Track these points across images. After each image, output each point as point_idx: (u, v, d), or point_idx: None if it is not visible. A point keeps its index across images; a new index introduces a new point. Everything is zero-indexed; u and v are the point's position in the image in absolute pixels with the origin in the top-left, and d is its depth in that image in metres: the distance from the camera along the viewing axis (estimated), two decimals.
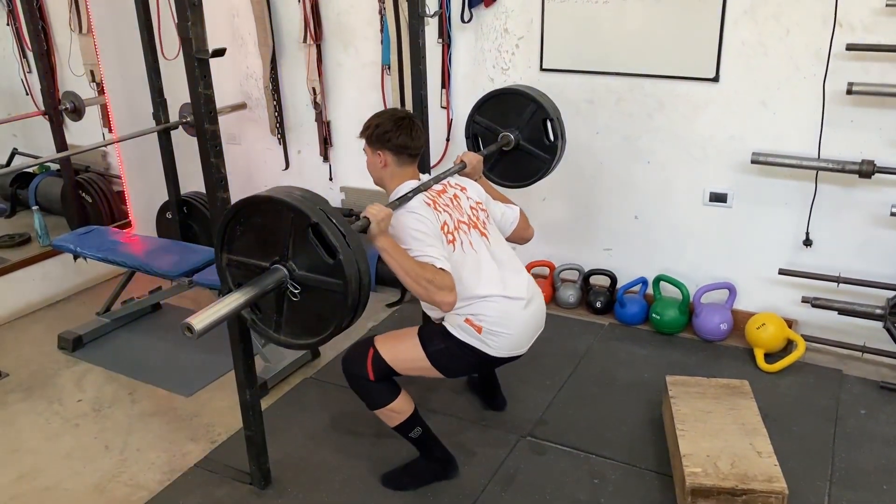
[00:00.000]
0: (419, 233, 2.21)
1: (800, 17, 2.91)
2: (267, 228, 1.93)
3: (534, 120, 3.01)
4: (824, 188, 3.06)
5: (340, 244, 1.83)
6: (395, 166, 2.40)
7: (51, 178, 4.48)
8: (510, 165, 3.09)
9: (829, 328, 3.19)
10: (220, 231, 2.02)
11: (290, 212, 1.87)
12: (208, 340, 3.43)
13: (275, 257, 1.93)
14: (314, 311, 1.94)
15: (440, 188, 2.43)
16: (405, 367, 2.38)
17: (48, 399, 3.09)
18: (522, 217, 2.65)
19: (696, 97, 3.20)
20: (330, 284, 1.87)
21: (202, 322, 1.74)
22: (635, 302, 3.51)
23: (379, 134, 2.37)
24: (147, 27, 3.64)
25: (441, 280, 2.15)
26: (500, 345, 2.33)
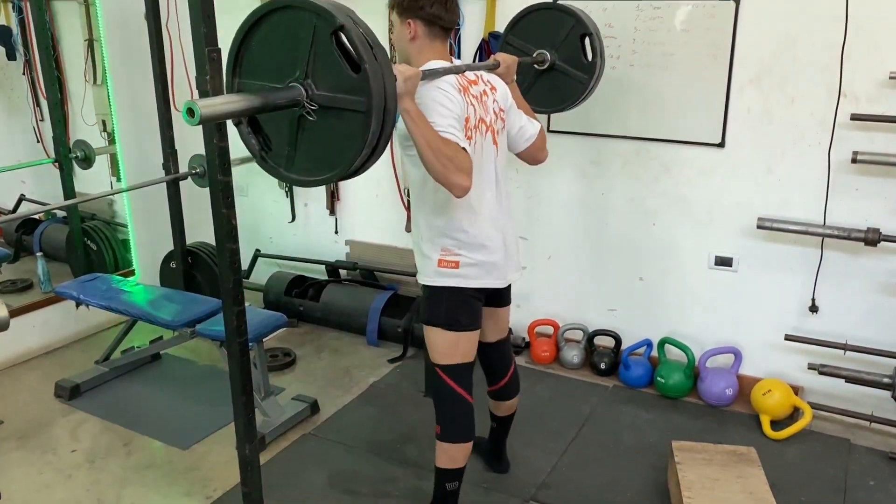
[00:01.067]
0: (446, 109, 2.06)
1: (805, 87, 2.97)
2: (285, 43, 1.70)
3: (571, 37, 2.88)
4: (830, 255, 3.07)
5: (367, 55, 1.60)
6: (425, 38, 2.21)
7: (56, 224, 4.50)
8: (545, 88, 2.96)
9: (837, 396, 3.16)
10: (234, 50, 1.77)
11: (312, 16, 1.63)
12: (207, 392, 3.44)
13: (292, 78, 1.70)
14: (331, 139, 1.71)
15: (472, 78, 2.26)
16: (453, 351, 2.33)
17: (42, 448, 3.04)
18: (541, 136, 2.47)
19: (702, 162, 3.24)
20: (352, 103, 1.64)
21: (209, 108, 1.54)
22: (640, 364, 3.48)
23: (411, 1, 2.18)
24: (162, 79, 3.70)
25: (461, 160, 2.01)
26: (478, 273, 2.28)
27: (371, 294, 4.02)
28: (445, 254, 2.27)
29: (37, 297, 4.01)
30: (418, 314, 3.78)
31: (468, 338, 2.36)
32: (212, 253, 4.04)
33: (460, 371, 2.36)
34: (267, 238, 4.56)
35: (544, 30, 2.92)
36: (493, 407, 2.76)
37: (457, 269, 2.27)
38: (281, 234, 4.51)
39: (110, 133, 4.32)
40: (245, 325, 2.31)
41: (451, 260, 2.26)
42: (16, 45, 4.30)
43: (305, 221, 4.41)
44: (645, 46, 3.21)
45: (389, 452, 2.98)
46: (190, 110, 1.49)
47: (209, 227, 2.31)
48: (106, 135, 4.38)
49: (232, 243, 2.20)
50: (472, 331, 2.37)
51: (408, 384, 3.51)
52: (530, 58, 2.89)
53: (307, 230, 4.41)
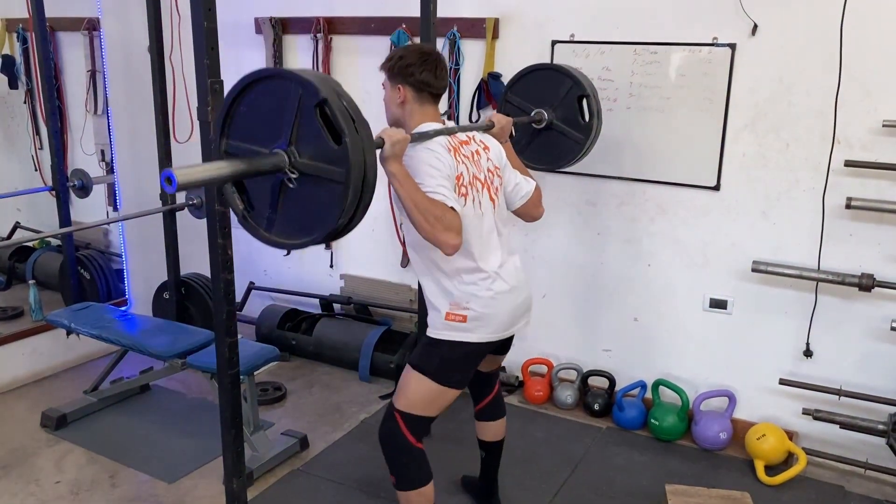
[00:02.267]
0: (434, 170, 2.10)
1: (799, 133, 3.00)
2: (272, 109, 1.76)
3: (568, 98, 2.94)
4: (824, 299, 3.07)
5: (349, 128, 1.67)
6: (415, 103, 2.27)
7: (50, 253, 4.49)
8: (542, 146, 3.01)
9: (831, 442, 3.13)
10: (223, 112, 1.83)
11: (299, 87, 1.70)
12: (195, 425, 3.40)
13: (277, 143, 1.75)
14: (311, 206, 1.76)
15: (464, 139, 2.31)
16: (426, 404, 2.30)
17: (25, 479, 2.98)
18: (537, 193, 2.52)
19: (698, 204, 3.26)
20: (332, 173, 1.69)
21: (187, 176, 1.56)
22: (634, 406, 3.45)
23: (401, 67, 2.23)
24: (163, 110, 3.73)
25: (450, 219, 2.04)
26: (486, 329, 2.26)
27: (364, 329, 4.00)
28: (454, 307, 2.25)
29: (27, 324, 3.98)
30: (412, 350, 3.75)
31: (450, 395, 2.34)
32: (206, 284, 4.03)
33: (421, 423, 2.33)
34: (261, 271, 4.55)
35: (543, 89, 3.00)
36: (480, 432, 2.74)
37: (465, 322, 2.25)
38: (276, 267, 4.50)
39: (108, 163, 4.34)
40: (237, 356, 2.30)
41: (460, 314, 2.25)
42: (18, 74, 4.34)
43: (300, 255, 4.40)
44: (641, 90, 3.26)
45: (379, 491, 2.93)
46: (168, 178, 1.51)
47: (203, 259, 2.32)
48: (104, 164, 4.39)
49: (227, 273, 2.21)
50: (459, 389, 2.35)
51: None
52: (528, 117, 2.96)
53: (302, 263, 4.40)
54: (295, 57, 4.09)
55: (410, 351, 3.76)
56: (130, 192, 4.21)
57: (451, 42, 3.58)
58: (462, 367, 2.34)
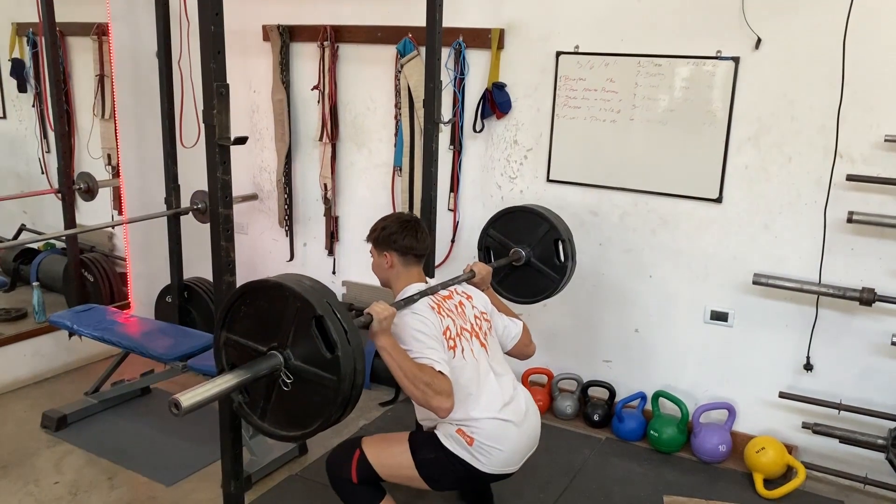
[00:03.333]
0: (421, 334, 2.22)
1: (801, 147, 3.01)
2: (270, 313, 1.93)
3: (546, 239, 3.09)
4: (825, 313, 3.07)
5: (341, 340, 1.83)
6: (401, 266, 2.45)
7: (54, 255, 4.50)
8: (519, 281, 3.15)
9: (830, 456, 3.12)
10: (224, 309, 2.02)
11: (296, 301, 1.87)
12: (194, 428, 3.40)
13: (273, 343, 1.92)
14: (303, 404, 1.92)
15: (446, 294, 2.45)
16: (390, 473, 2.33)
17: (24, 479, 2.99)
18: (525, 333, 2.65)
19: (700, 216, 3.27)
20: (323, 379, 1.86)
21: (190, 400, 1.72)
22: (633, 417, 3.45)
23: (385, 236, 2.44)
24: (169, 115, 3.76)
25: (439, 384, 2.14)
26: (490, 461, 2.28)
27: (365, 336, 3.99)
28: (466, 429, 2.28)
29: (30, 326, 4.00)
30: None
31: (419, 485, 2.35)
32: (208, 288, 4.05)
33: (371, 478, 2.34)
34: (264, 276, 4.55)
35: (522, 228, 3.16)
36: None
37: (470, 445, 2.28)
38: (278, 273, 4.50)
39: (115, 167, 4.37)
40: None
41: (469, 436, 2.28)
42: (27, 77, 4.38)
43: (304, 261, 4.42)
44: (645, 102, 3.27)
45: None
46: (175, 405, 1.69)
47: (207, 264, 2.33)
48: (110, 168, 4.42)
49: (229, 276, 2.22)
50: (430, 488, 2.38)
51: (398, 428, 3.44)
52: (506, 258, 3.10)
53: (305, 269, 4.41)
54: (302, 65, 4.12)
55: None
56: (135, 196, 4.23)
57: (456, 52, 3.61)
58: (453, 480, 2.39)
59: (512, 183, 3.66)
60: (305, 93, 4.14)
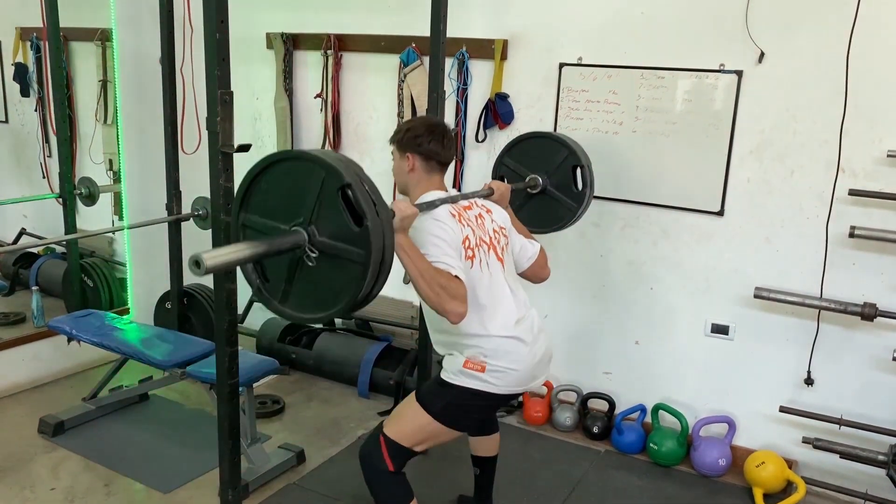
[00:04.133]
0: (439, 240, 2.16)
1: (804, 161, 3.01)
2: (293, 189, 1.80)
3: (563, 166, 3.01)
4: (826, 328, 3.06)
5: (370, 211, 1.72)
6: (423, 172, 2.36)
7: (54, 260, 4.50)
8: (535, 210, 3.08)
9: (831, 472, 3.11)
10: (243, 187, 1.87)
11: (322, 170, 1.75)
12: (192, 436, 3.38)
13: (296, 221, 1.80)
14: (328, 283, 1.80)
15: (467, 204, 2.39)
16: (418, 438, 2.29)
17: (20, 485, 2.97)
18: (542, 255, 2.58)
19: (701, 229, 3.26)
20: (351, 253, 1.74)
21: (213, 259, 1.61)
22: (633, 430, 3.44)
23: (410, 137, 2.34)
24: (172, 122, 3.76)
25: (454, 288, 2.09)
26: (503, 381, 2.25)
27: (365, 344, 4.00)
28: (473, 357, 2.26)
29: (29, 330, 3.99)
30: (412, 367, 3.75)
31: (446, 437, 2.34)
32: (208, 296, 4.04)
33: (403, 453, 2.31)
34: None
35: (539, 155, 3.07)
36: (473, 447, 2.73)
37: (482, 372, 2.25)
38: None
39: (116, 172, 4.37)
40: (237, 367, 2.31)
41: (479, 363, 2.25)
42: (30, 82, 4.39)
43: None
44: (648, 114, 3.28)
45: None
46: (196, 262, 1.56)
47: None
48: (112, 173, 4.43)
49: (230, 283, 2.21)
50: (458, 433, 2.36)
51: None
52: (523, 183, 3.03)
53: None
54: (305, 73, 4.13)
55: (410, 368, 3.75)
56: (137, 202, 4.23)
57: (459, 62, 3.61)
58: (471, 415, 2.36)
59: None
60: (308, 101, 4.14)
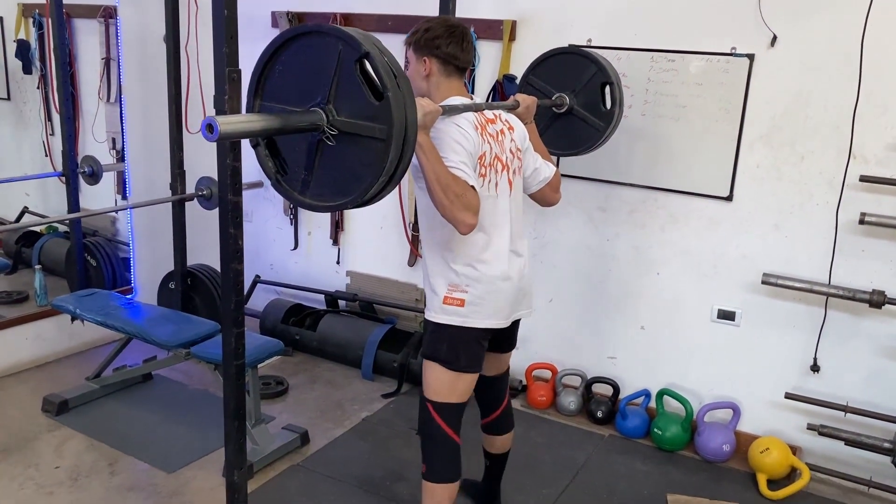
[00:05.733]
0: (460, 146, 2.09)
1: (815, 146, 2.99)
2: (309, 68, 1.71)
3: (591, 84, 2.89)
4: (834, 314, 3.05)
5: (391, 83, 1.61)
6: (441, 76, 2.24)
7: (57, 239, 4.48)
8: (561, 131, 2.97)
9: (835, 459, 3.11)
10: (258, 71, 1.78)
11: (339, 42, 1.65)
12: (196, 416, 3.38)
13: (315, 101, 1.70)
14: (349, 165, 1.71)
15: (491, 117, 2.29)
16: (448, 391, 2.29)
17: (25, 463, 2.97)
18: (556, 178, 2.50)
19: (710, 214, 3.24)
20: (372, 130, 1.64)
21: (229, 125, 1.55)
22: (637, 415, 3.43)
23: (428, 39, 2.21)
24: (176, 100, 3.73)
25: (469, 198, 2.04)
26: (485, 312, 2.24)
27: (369, 327, 3.99)
28: (452, 290, 2.23)
29: (31, 309, 3.98)
30: (416, 349, 3.75)
31: (466, 379, 2.32)
32: (212, 276, 4.02)
33: (451, 411, 2.31)
34: (267, 265, 4.54)
35: (565, 73, 2.94)
36: (486, 443, 2.72)
37: (461, 307, 2.23)
38: (282, 262, 4.50)
39: (119, 151, 4.34)
40: (243, 347, 2.30)
41: (457, 297, 2.22)
42: (33, 59, 4.35)
43: (308, 250, 4.39)
44: (657, 97, 3.24)
45: (378, 489, 2.92)
46: (209, 126, 1.49)
47: (210, 251, 2.31)
48: (115, 152, 4.39)
49: (237, 264, 2.20)
50: (472, 373, 2.33)
51: (401, 421, 3.46)
52: (549, 100, 2.91)
53: (309, 259, 4.39)
54: None
55: (415, 350, 3.75)
56: (140, 181, 4.20)
57: None
58: (467, 351, 2.31)
59: None
60: None
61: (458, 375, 2.29)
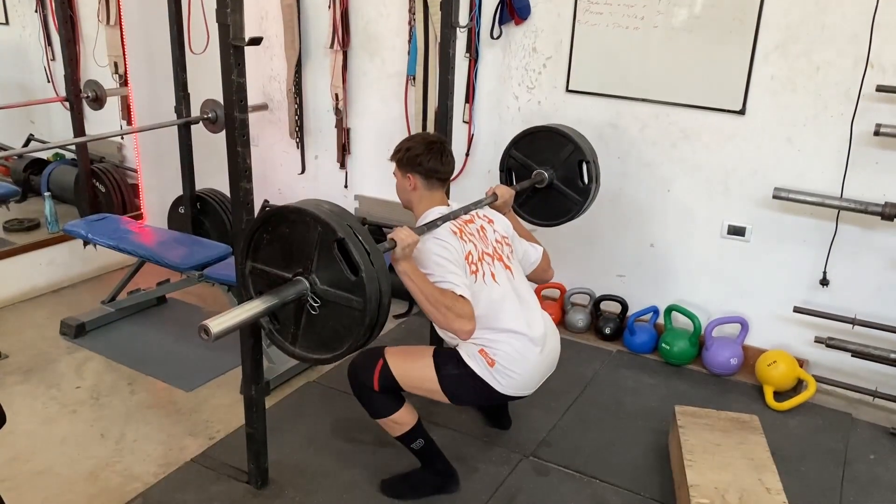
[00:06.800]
0: (442, 259, 2.22)
1: (831, 56, 2.91)
2: (293, 240, 1.94)
3: (570, 161, 3.02)
4: (845, 228, 3.04)
5: (364, 262, 1.84)
6: (425, 189, 2.42)
7: (65, 166, 4.47)
8: (541, 203, 3.10)
9: (841, 370, 3.15)
10: (247, 238, 2.03)
11: (318, 225, 1.88)
12: None
13: (298, 269, 1.94)
14: (332, 327, 1.95)
15: (468, 218, 2.44)
16: (412, 385, 2.35)
17: (47, 384, 3.05)
18: (545, 258, 2.65)
19: (722, 129, 3.19)
20: (350, 301, 1.88)
21: (220, 326, 1.75)
22: (645, 330, 3.47)
23: (410, 157, 2.39)
24: (177, 21, 3.65)
25: (460, 307, 2.17)
26: (508, 383, 2.31)
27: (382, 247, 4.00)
28: (488, 349, 2.28)
29: (43, 236, 4.01)
30: None
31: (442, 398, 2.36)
32: (221, 199, 4.03)
33: (393, 387, 2.33)
34: (276, 189, 4.53)
35: (545, 149, 3.06)
36: None
37: (491, 367, 2.27)
38: (290, 186, 4.48)
39: (122, 75, 4.28)
40: None
41: (491, 357, 2.28)
42: None
43: (315, 174, 4.37)
44: (669, 7, 3.15)
45: None
46: (205, 331, 1.73)
47: (218, 175, 2.31)
48: (118, 77, 4.34)
49: (246, 182, 2.19)
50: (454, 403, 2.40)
51: (413, 339, 3.51)
52: (529, 181, 3.02)
53: (316, 183, 4.37)
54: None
55: None
56: (144, 106, 4.17)
57: None
58: (473, 397, 2.42)
59: (530, 94, 3.56)
60: None
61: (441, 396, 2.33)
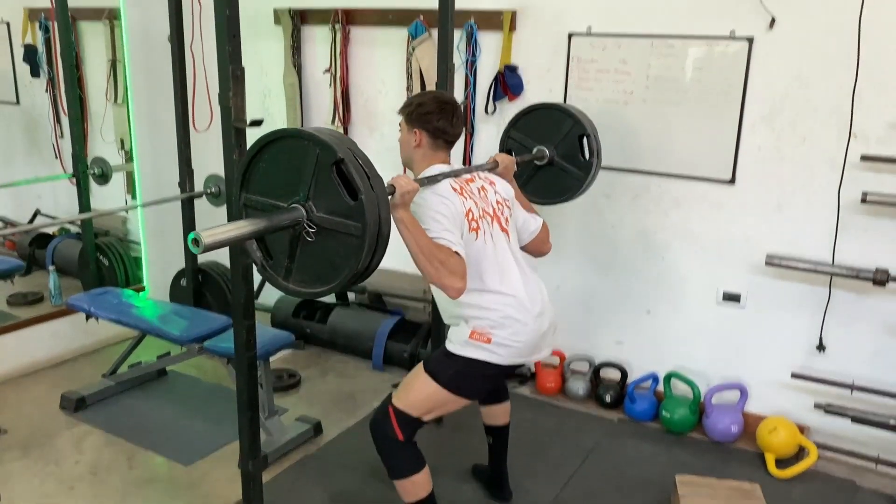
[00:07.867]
0: (440, 215, 2.17)
1: (815, 126, 3.00)
2: (290, 166, 1.84)
3: (570, 136, 3.02)
4: (838, 294, 3.07)
5: (364, 185, 1.74)
6: (429, 148, 2.37)
7: (70, 240, 4.54)
8: (543, 181, 3.09)
9: (842, 437, 3.13)
10: (242, 168, 1.91)
11: (316, 147, 1.78)
12: (211, 410, 3.44)
13: (294, 198, 1.83)
14: (328, 257, 1.83)
15: (469, 177, 2.40)
16: (426, 407, 2.33)
17: (45, 459, 3.04)
18: (544, 230, 2.60)
19: (713, 198, 3.26)
20: (348, 227, 1.77)
21: (212, 237, 1.66)
22: (645, 398, 3.47)
23: (420, 113, 2.34)
24: (182, 99, 3.78)
25: (453, 263, 2.11)
26: (508, 353, 2.29)
27: (378, 318, 4.03)
28: (479, 328, 2.29)
29: (47, 309, 4.04)
30: (425, 340, 3.79)
31: (456, 403, 2.37)
32: (222, 273, 4.08)
33: (412, 424, 2.34)
34: None
35: (545, 127, 3.06)
36: (485, 416, 2.78)
37: (488, 343, 2.27)
38: None
39: (128, 151, 4.40)
40: (254, 339, 2.34)
41: (485, 335, 2.28)
42: (40, 63, 4.40)
43: None
44: (658, 82, 3.26)
45: None
46: (195, 241, 1.60)
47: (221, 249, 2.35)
48: (124, 153, 4.45)
49: (245, 258, 2.23)
50: (467, 400, 2.39)
51: None
52: (530, 154, 3.01)
53: None
54: (313, 48, 4.12)
55: (423, 341, 3.79)
56: (149, 181, 4.26)
57: (468, 34, 3.60)
58: (478, 383, 2.39)
59: None
60: (317, 76, 4.14)
61: (453, 398, 2.34)
